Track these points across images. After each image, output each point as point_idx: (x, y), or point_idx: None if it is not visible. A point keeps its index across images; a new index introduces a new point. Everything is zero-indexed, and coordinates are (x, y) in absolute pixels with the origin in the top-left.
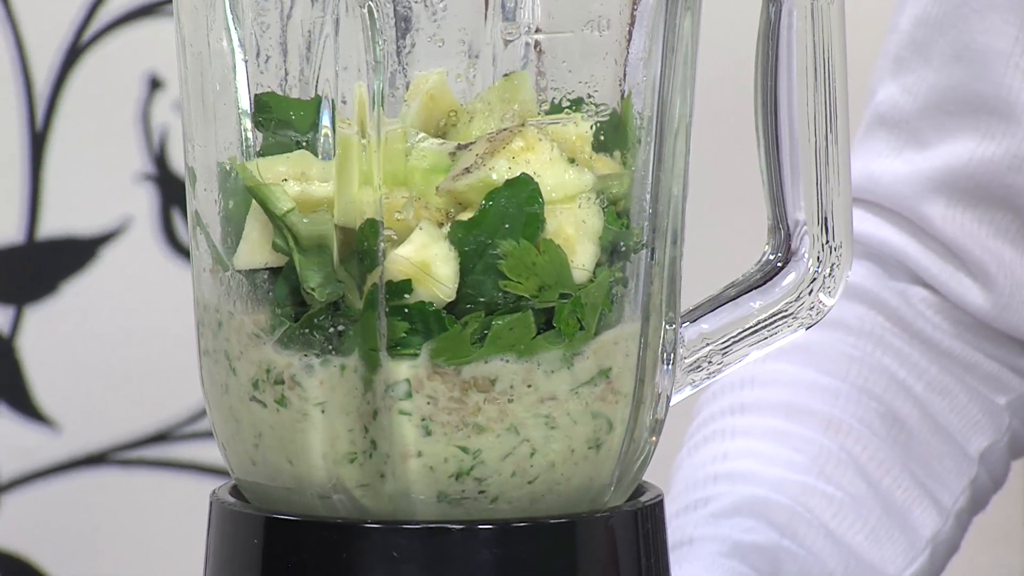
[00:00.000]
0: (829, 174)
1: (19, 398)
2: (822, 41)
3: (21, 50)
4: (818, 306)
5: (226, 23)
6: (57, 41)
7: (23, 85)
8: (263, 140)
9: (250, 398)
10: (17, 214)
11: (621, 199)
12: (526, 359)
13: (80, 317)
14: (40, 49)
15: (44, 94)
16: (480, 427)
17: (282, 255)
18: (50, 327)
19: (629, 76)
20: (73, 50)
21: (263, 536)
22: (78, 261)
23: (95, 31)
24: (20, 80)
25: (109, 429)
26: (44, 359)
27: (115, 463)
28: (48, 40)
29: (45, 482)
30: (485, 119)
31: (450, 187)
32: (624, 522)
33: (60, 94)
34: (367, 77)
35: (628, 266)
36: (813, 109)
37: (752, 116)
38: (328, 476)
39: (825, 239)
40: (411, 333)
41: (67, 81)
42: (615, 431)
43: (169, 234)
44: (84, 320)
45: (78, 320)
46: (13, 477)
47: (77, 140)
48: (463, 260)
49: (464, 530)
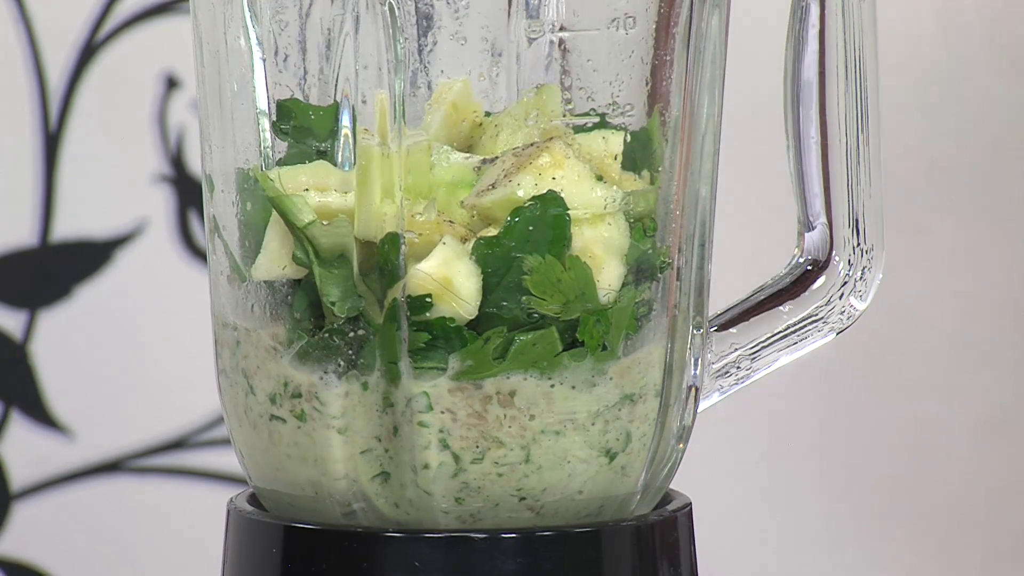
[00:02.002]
0: (860, 175)
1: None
2: (853, 39)
3: (34, 48)
4: (849, 310)
5: (244, 21)
6: (71, 39)
7: (36, 84)
8: (287, 148)
9: (270, 417)
10: (30, 216)
11: (648, 216)
12: (549, 375)
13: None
14: (54, 47)
15: (58, 93)
16: (500, 441)
17: (302, 267)
18: (64, 332)
19: (655, 75)
20: (88, 48)
21: (282, 545)
22: (93, 264)
23: (110, 29)
24: (33, 79)
25: (124, 436)
26: (58, 365)
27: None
28: (62, 38)
29: (58, 490)
30: (512, 133)
31: (475, 203)
32: (651, 531)
33: (74, 93)
34: (388, 76)
35: (654, 284)
36: (844, 109)
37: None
38: (348, 486)
39: (856, 242)
40: (432, 347)
41: (81, 80)
42: (641, 440)
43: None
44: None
45: (92, 325)
46: (26, 485)
47: (92, 141)
48: (486, 277)
49: (487, 539)
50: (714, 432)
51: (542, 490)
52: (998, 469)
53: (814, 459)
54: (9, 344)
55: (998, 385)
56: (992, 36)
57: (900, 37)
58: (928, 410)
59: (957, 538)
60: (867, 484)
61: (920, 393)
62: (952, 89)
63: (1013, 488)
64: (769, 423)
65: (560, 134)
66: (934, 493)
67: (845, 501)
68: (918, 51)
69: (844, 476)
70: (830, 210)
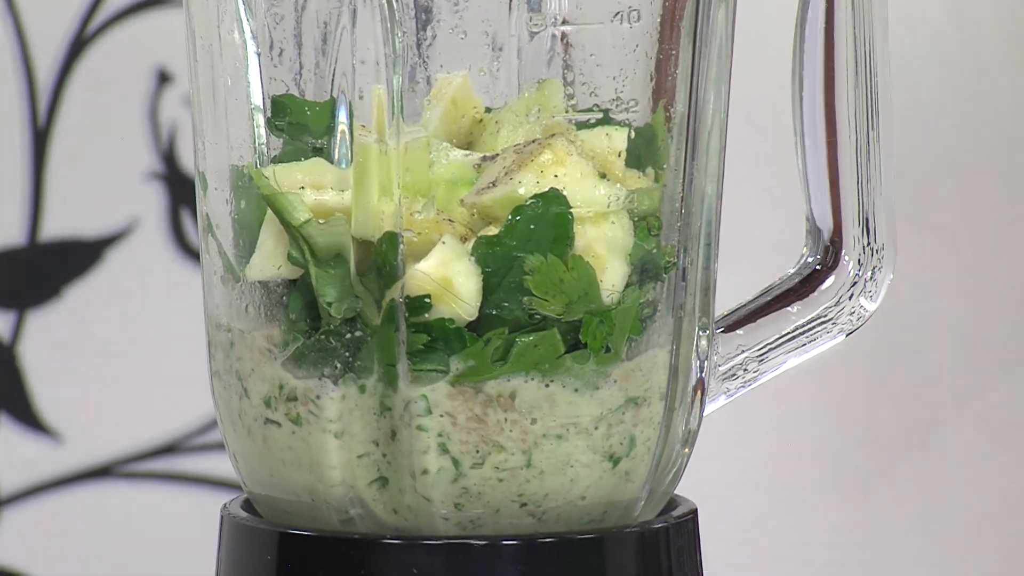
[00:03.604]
0: (871, 173)
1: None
2: (863, 35)
3: (22, 41)
4: (859, 311)
5: (238, 14)
6: (60, 32)
7: (24, 79)
8: (282, 145)
9: (264, 420)
10: (18, 214)
11: (652, 215)
12: (551, 378)
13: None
14: (42, 40)
15: (46, 88)
16: (501, 445)
17: (297, 267)
18: (52, 333)
19: (660, 71)
20: (77, 41)
21: (277, 552)
22: (82, 264)
23: (101, 22)
24: (21, 73)
25: (115, 441)
26: (46, 367)
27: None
28: (51, 31)
29: (47, 496)
30: (513, 129)
31: (475, 201)
32: (655, 537)
33: (63, 88)
34: (386, 71)
35: (659, 285)
36: (853, 104)
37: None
38: (345, 492)
39: (866, 241)
40: (431, 349)
41: (71, 74)
42: (645, 445)
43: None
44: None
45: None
46: (14, 491)
47: (81, 137)
48: (487, 277)
49: (488, 546)
50: (720, 435)
51: (544, 496)
52: (1009, 472)
53: (821, 464)
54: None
55: (1009, 387)
56: (1005, 28)
57: (910, 30)
58: (938, 413)
59: (969, 543)
60: (876, 489)
61: (931, 395)
62: (964, 83)
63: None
64: (776, 427)
65: (562, 130)
66: (945, 497)
67: (853, 507)
68: (929, 44)
69: (852, 481)
70: (839, 208)
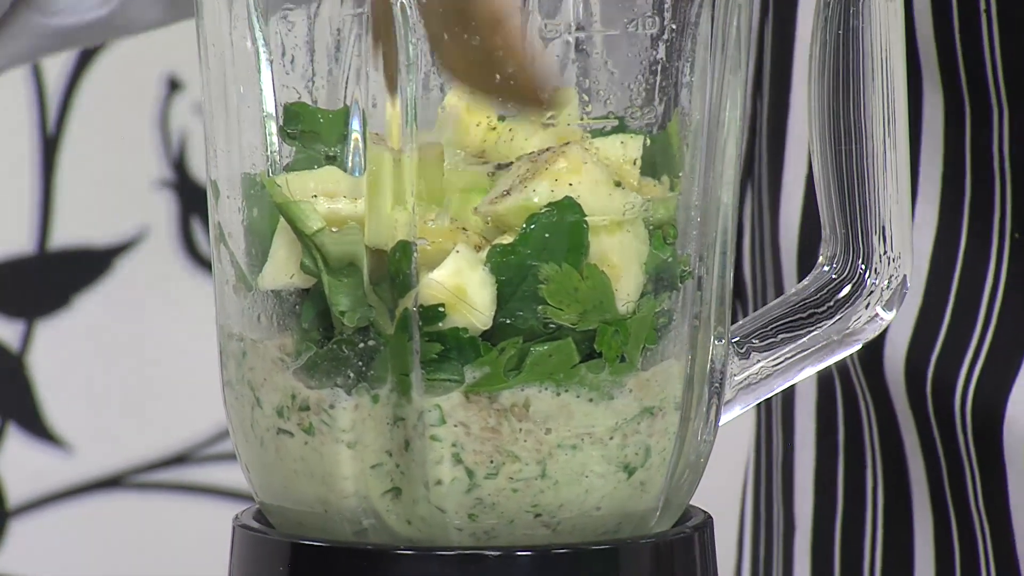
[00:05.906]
0: (887, 180)
1: (29, 418)
2: (880, 40)
3: None
4: (876, 320)
5: (250, 21)
6: None
7: (34, 86)
8: (294, 153)
9: (276, 431)
10: (28, 223)
11: (668, 223)
12: (565, 387)
13: (94, 332)
14: None
15: (56, 96)
16: (515, 456)
17: (310, 276)
18: (62, 343)
19: (676, 78)
20: (87, 49)
21: (289, 563)
22: (92, 273)
23: None
24: (31, 81)
25: (124, 451)
26: (56, 377)
27: (131, 487)
28: None
29: (56, 507)
30: (527, 137)
31: (489, 209)
32: (670, 549)
33: (73, 96)
34: (400, 78)
35: (675, 294)
36: (871, 112)
37: None
38: (358, 503)
39: (883, 249)
40: (445, 359)
41: (81, 82)
42: (661, 455)
43: (188, 244)
44: (98, 335)
45: (92, 335)
46: (23, 501)
47: (91, 145)
48: (501, 286)
49: (502, 556)
50: (735, 444)
51: (558, 506)
52: None
53: None
54: (6, 355)
55: None
56: None
57: None
58: None
59: None
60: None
61: None
62: None
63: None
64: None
65: (577, 138)
66: None
67: None
68: None
69: None
70: (855, 217)
